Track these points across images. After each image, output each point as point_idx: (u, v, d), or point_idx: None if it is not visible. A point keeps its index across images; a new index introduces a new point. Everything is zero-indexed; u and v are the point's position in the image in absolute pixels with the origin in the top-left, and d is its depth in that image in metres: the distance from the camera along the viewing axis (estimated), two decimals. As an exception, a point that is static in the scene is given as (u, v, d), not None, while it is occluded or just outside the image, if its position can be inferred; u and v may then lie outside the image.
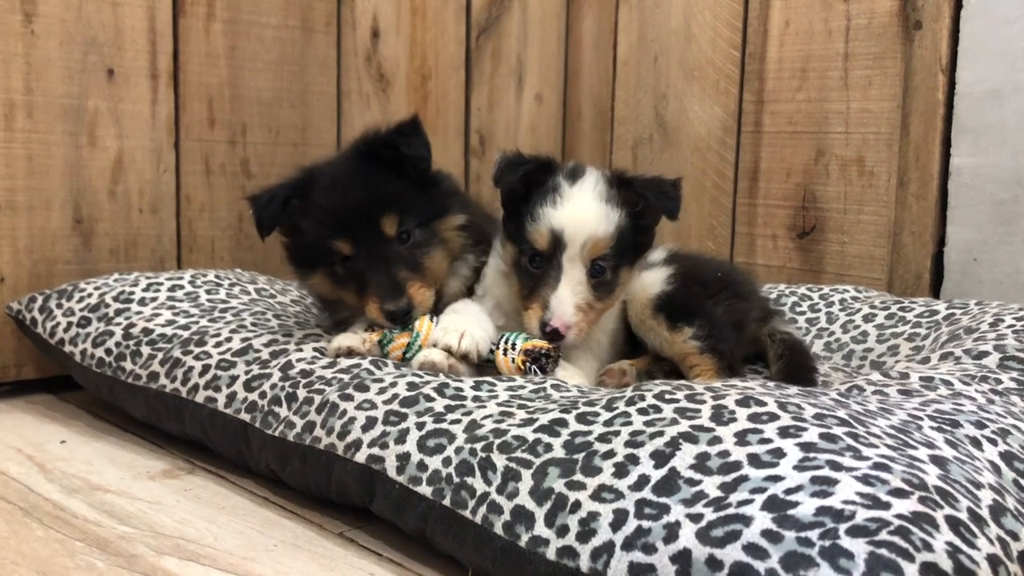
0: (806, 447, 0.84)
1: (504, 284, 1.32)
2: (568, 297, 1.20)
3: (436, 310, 1.30)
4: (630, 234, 1.24)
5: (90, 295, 1.50)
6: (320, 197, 1.28)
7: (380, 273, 1.25)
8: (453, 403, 1.06)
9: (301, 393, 1.17)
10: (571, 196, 1.22)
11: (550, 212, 1.21)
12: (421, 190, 1.32)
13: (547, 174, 1.25)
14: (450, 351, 1.20)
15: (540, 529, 0.86)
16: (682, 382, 1.05)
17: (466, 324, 1.23)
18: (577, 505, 0.85)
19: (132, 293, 1.48)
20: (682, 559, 0.77)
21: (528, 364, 1.20)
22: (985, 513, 0.79)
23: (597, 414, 0.97)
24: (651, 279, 1.34)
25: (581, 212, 1.21)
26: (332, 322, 1.40)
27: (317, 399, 1.14)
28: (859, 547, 0.71)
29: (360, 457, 1.04)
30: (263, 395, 1.21)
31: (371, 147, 1.31)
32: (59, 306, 1.51)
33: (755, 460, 0.83)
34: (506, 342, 1.23)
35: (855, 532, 0.72)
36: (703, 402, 0.95)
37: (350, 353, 1.22)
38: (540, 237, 1.22)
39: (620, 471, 0.87)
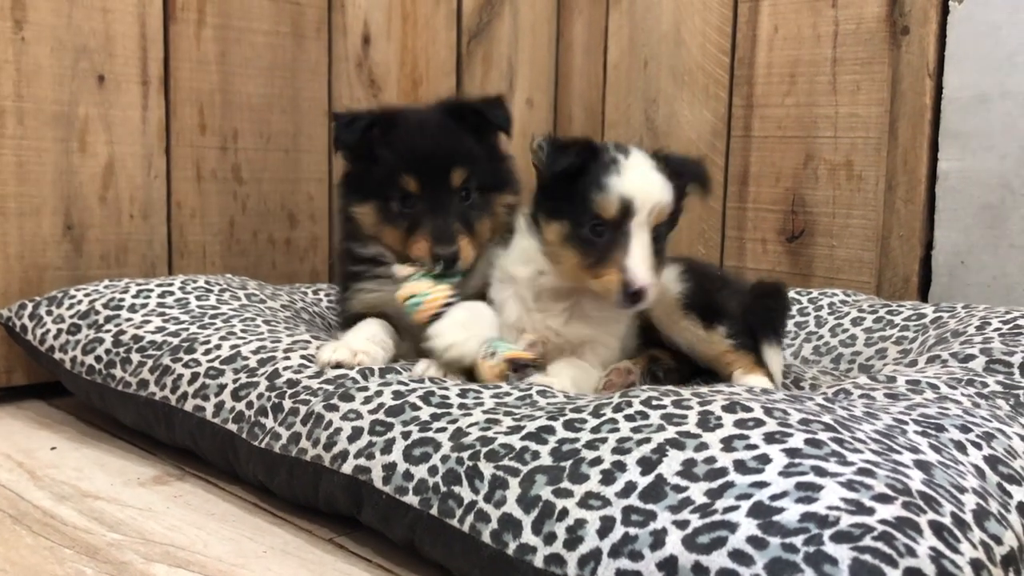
0: (791, 453, 0.85)
1: (536, 264, 1.31)
2: (644, 261, 1.21)
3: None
4: (676, 206, 1.27)
5: (80, 302, 1.50)
6: (403, 133, 1.35)
7: (439, 216, 1.32)
8: (439, 411, 1.06)
9: (287, 404, 1.17)
10: (631, 167, 1.25)
11: (616, 181, 1.22)
12: (491, 159, 1.39)
13: (594, 151, 1.28)
14: (438, 351, 1.22)
15: (528, 537, 0.86)
16: (669, 387, 1.05)
17: (461, 333, 1.24)
18: (564, 512, 0.86)
19: (122, 300, 1.48)
20: (669, 566, 0.77)
21: (511, 370, 1.21)
22: (969, 518, 0.79)
23: (584, 421, 0.97)
24: (667, 277, 1.35)
25: (647, 180, 1.24)
26: (352, 259, 1.43)
27: (303, 410, 1.14)
28: (843, 553, 0.72)
29: (347, 468, 1.04)
30: (250, 405, 1.21)
31: (458, 108, 1.40)
32: (49, 313, 1.51)
33: (741, 466, 0.84)
34: (487, 349, 1.24)
35: (839, 538, 0.73)
36: (690, 408, 0.95)
37: (338, 366, 1.22)
38: (610, 205, 1.22)
39: (607, 478, 0.87)
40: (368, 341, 1.28)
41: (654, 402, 0.98)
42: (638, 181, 1.23)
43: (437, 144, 1.34)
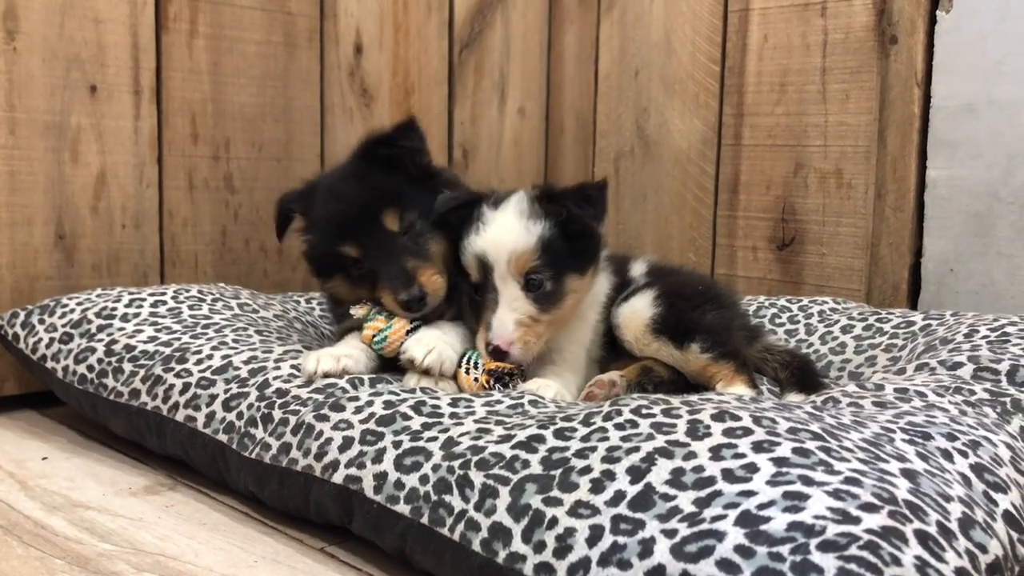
0: (779, 462, 0.85)
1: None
2: (507, 315, 1.24)
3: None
4: (561, 242, 1.26)
5: (72, 311, 1.50)
6: (320, 207, 1.33)
7: (389, 266, 1.29)
8: (430, 421, 1.07)
9: (276, 414, 1.17)
10: (492, 220, 1.26)
11: (474, 240, 1.26)
12: (419, 183, 1.35)
13: (473, 208, 1.29)
14: (413, 363, 1.23)
15: (517, 545, 0.87)
16: (659, 396, 1.06)
17: (437, 340, 1.25)
18: (554, 521, 0.86)
19: (115, 309, 1.48)
20: (657, 574, 0.78)
21: (491, 383, 1.23)
22: (954, 526, 0.80)
23: (574, 430, 0.98)
24: (639, 304, 1.37)
25: (499, 231, 1.25)
26: (340, 329, 1.43)
27: (292, 420, 1.15)
28: (829, 562, 0.72)
29: (337, 478, 1.04)
30: (240, 416, 1.21)
31: (369, 149, 1.36)
32: (41, 322, 1.51)
33: (729, 475, 0.85)
34: (468, 361, 1.25)
35: (825, 547, 0.74)
36: (679, 417, 0.96)
37: (326, 376, 1.22)
38: (470, 267, 1.26)
39: (597, 487, 0.88)
40: (351, 347, 1.29)
41: (644, 411, 0.98)
42: (491, 234, 1.24)
43: (356, 201, 1.31)
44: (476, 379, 1.24)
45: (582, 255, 1.31)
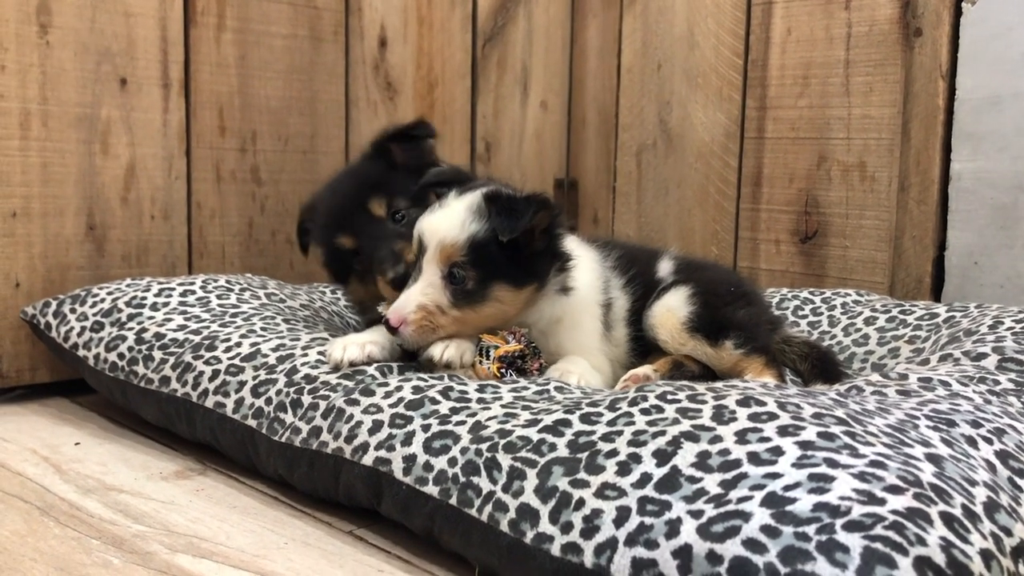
0: (804, 445, 0.86)
1: None
2: (414, 296, 1.22)
3: None
4: (497, 248, 1.22)
5: (103, 300, 1.53)
6: (318, 205, 1.39)
7: (378, 249, 1.32)
8: (458, 405, 1.08)
9: (306, 399, 1.19)
10: (445, 206, 1.25)
11: (423, 218, 1.26)
12: (413, 174, 1.36)
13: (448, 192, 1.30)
14: (432, 359, 1.22)
15: (545, 526, 0.88)
16: (684, 383, 1.07)
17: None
18: (581, 502, 0.87)
19: (144, 298, 1.51)
20: (683, 554, 0.79)
21: (504, 370, 1.23)
22: (979, 509, 0.80)
23: (600, 414, 0.99)
24: (674, 302, 1.38)
25: (439, 218, 1.24)
26: (366, 321, 1.44)
27: (322, 404, 1.16)
28: (854, 541, 0.73)
29: (367, 460, 1.06)
30: (269, 401, 1.23)
31: (376, 146, 1.40)
32: (72, 311, 1.54)
33: (755, 458, 0.85)
34: (482, 352, 1.25)
35: (851, 527, 0.74)
36: (704, 402, 0.97)
37: (352, 364, 1.22)
38: (414, 242, 1.27)
39: (623, 469, 0.89)
40: (376, 335, 1.29)
41: (669, 397, 0.99)
42: (433, 219, 1.24)
43: (344, 191, 1.36)
44: (488, 368, 1.24)
45: (522, 268, 1.25)
